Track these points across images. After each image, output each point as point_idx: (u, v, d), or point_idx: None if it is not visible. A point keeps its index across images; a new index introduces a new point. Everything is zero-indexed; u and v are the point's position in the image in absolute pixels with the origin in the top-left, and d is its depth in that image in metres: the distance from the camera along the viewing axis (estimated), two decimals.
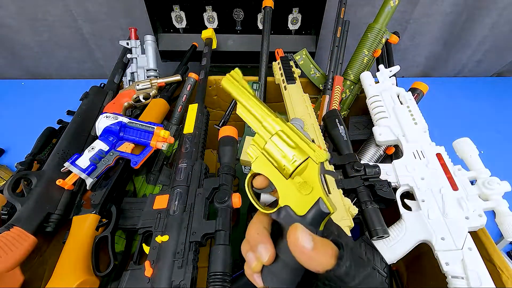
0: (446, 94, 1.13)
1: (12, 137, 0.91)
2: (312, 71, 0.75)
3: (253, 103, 0.30)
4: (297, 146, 0.27)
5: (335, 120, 0.56)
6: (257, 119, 0.29)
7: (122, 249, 0.53)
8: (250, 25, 0.90)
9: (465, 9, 0.99)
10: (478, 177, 0.47)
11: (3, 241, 0.40)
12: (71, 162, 0.47)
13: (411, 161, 0.51)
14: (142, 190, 0.58)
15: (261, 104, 0.30)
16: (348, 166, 0.50)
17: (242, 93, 0.30)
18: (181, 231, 0.41)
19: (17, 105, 1.03)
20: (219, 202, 0.42)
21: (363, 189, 0.47)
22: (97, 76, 1.16)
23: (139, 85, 0.67)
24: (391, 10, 0.69)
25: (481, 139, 0.59)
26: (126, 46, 0.76)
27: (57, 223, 0.47)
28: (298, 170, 0.26)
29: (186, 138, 0.54)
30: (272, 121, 0.28)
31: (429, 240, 0.43)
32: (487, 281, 0.38)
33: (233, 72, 0.31)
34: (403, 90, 0.59)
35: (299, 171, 0.26)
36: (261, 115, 0.29)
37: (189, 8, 0.86)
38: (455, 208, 0.44)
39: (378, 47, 0.71)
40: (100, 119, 0.53)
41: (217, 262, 0.36)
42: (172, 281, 0.36)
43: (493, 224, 0.44)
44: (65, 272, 0.40)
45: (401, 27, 1.04)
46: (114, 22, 0.98)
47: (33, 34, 1.01)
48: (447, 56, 1.15)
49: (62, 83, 1.11)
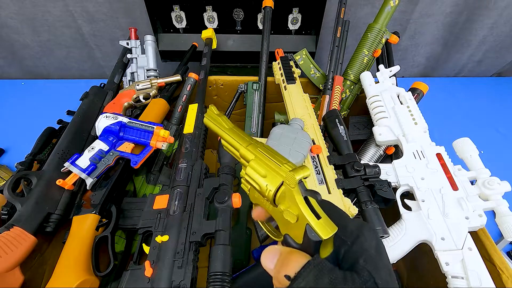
0: (446, 94, 1.13)
1: (12, 137, 0.91)
2: (312, 71, 0.75)
3: (228, 137, 0.30)
4: (268, 173, 0.25)
5: (335, 120, 0.56)
6: (235, 150, 0.29)
7: (122, 249, 0.53)
8: (250, 25, 0.90)
9: (465, 9, 0.99)
10: (478, 177, 0.47)
11: (3, 241, 0.40)
12: (71, 162, 0.47)
13: (411, 161, 0.51)
14: (142, 190, 0.58)
15: (235, 135, 0.30)
16: (348, 166, 0.50)
17: (218, 130, 0.31)
18: (181, 231, 0.41)
19: (17, 105, 1.03)
20: (219, 202, 0.42)
21: (363, 189, 0.48)
22: (97, 76, 1.16)
23: (139, 85, 0.67)
24: (391, 10, 0.69)
25: (481, 139, 0.59)
26: (126, 46, 0.76)
27: (57, 223, 0.47)
28: (278, 198, 0.24)
29: (186, 138, 0.54)
30: (244, 151, 0.28)
31: (429, 240, 0.43)
32: (487, 281, 0.38)
33: (209, 111, 0.33)
34: (403, 90, 0.59)
35: (278, 199, 0.24)
36: (236, 146, 0.29)
37: (189, 8, 0.86)
38: (455, 208, 0.44)
39: (378, 47, 0.71)
40: (100, 119, 0.53)
41: (217, 262, 0.36)
42: (172, 281, 0.36)
43: (493, 224, 0.44)
44: (65, 272, 0.40)
45: (401, 27, 1.04)
46: (114, 22, 0.98)
47: (33, 34, 1.01)
48: (447, 56, 1.15)
49: (62, 83, 1.11)
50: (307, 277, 0.19)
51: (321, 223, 0.21)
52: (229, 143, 0.30)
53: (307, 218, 0.22)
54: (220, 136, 0.31)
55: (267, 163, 0.26)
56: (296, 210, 0.23)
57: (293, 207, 0.23)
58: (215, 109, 0.34)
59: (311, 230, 0.21)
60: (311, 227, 0.21)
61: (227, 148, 0.31)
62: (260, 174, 0.26)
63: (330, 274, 0.19)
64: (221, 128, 0.31)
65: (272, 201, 0.25)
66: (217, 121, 0.32)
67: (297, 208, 0.22)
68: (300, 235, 0.22)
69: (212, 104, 0.34)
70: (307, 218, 0.22)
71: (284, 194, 0.24)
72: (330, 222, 0.22)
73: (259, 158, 0.27)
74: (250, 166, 0.27)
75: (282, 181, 0.24)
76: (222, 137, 0.31)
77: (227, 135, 0.30)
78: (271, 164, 0.26)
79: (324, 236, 0.20)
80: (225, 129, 0.31)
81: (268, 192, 0.25)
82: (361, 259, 0.20)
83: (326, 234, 0.20)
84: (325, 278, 0.19)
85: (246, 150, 0.28)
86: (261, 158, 0.26)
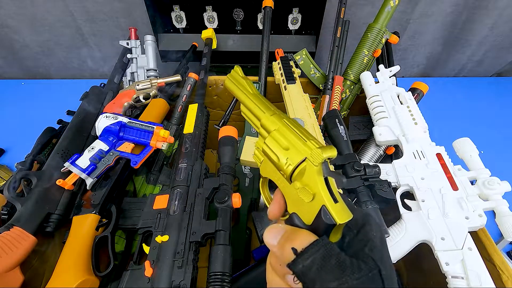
0: (446, 94, 1.13)
1: (12, 137, 0.91)
2: (312, 71, 0.75)
3: (250, 103, 0.28)
4: (291, 146, 0.24)
5: (335, 120, 0.56)
6: (256, 118, 0.28)
7: (122, 249, 0.53)
8: (250, 25, 0.90)
9: (465, 9, 0.99)
10: (478, 177, 0.47)
11: (3, 241, 0.40)
12: (71, 162, 0.47)
13: (411, 161, 0.51)
14: (142, 190, 0.58)
15: (259, 102, 0.28)
16: (348, 166, 0.50)
17: (240, 93, 0.29)
18: (181, 231, 0.41)
19: (17, 105, 1.03)
20: (219, 202, 0.42)
21: (363, 189, 0.47)
22: (97, 76, 1.16)
23: (139, 85, 0.67)
24: (391, 10, 0.69)
25: (481, 139, 0.59)
26: (126, 46, 0.76)
27: (57, 223, 0.47)
28: (296, 174, 0.23)
29: (186, 138, 0.54)
30: (266, 121, 0.26)
31: (429, 240, 0.43)
32: (487, 281, 0.38)
33: (233, 71, 0.31)
34: (403, 90, 0.59)
35: (296, 175, 0.23)
36: (258, 114, 0.27)
37: (189, 8, 0.86)
38: (455, 208, 0.44)
39: (378, 47, 0.71)
40: (100, 119, 0.53)
41: (217, 262, 0.36)
42: (172, 281, 0.36)
43: (493, 224, 0.44)
44: (65, 272, 0.40)
45: (401, 27, 1.04)
46: (114, 22, 0.98)
47: (33, 34, 1.01)
48: (447, 56, 1.15)
49: (62, 83, 1.11)
50: (314, 254, 0.19)
51: (338, 207, 0.21)
52: (251, 110, 0.28)
53: (324, 200, 0.21)
54: (242, 101, 0.29)
55: (291, 136, 0.24)
56: (313, 189, 0.22)
57: (311, 185, 0.22)
58: (241, 71, 0.31)
59: (327, 213, 0.20)
60: (327, 209, 0.20)
61: (246, 115, 0.29)
62: (282, 146, 0.24)
63: (338, 256, 0.19)
64: (244, 91, 0.29)
65: (288, 177, 0.23)
66: (241, 84, 0.30)
67: (315, 188, 0.21)
68: (311, 216, 0.21)
69: (238, 65, 0.31)
70: (324, 199, 0.21)
71: (303, 171, 0.23)
72: (346, 208, 0.21)
73: (283, 129, 0.25)
74: (272, 136, 0.25)
75: (305, 157, 0.23)
76: (244, 103, 0.29)
77: (250, 100, 0.29)
78: (295, 137, 0.24)
79: (340, 221, 0.20)
80: (249, 93, 0.29)
81: (288, 166, 0.23)
82: (366, 248, 0.20)
83: (342, 219, 0.20)
84: (332, 259, 0.19)
85: (270, 119, 0.26)
86: (286, 129, 0.25)
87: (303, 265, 0.19)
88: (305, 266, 0.19)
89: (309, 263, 0.19)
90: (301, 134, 0.24)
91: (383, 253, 0.20)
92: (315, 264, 0.19)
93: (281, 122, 0.26)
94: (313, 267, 0.19)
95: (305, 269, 0.19)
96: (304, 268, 0.19)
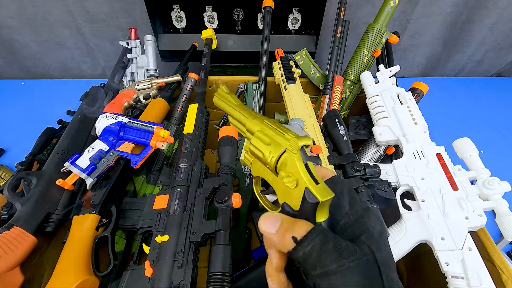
0: (446, 94, 1.13)
1: (12, 137, 0.91)
2: (312, 71, 0.75)
3: (235, 112, 0.32)
4: (272, 141, 0.27)
5: (335, 120, 0.56)
6: (241, 124, 0.31)
7: (122, 249, 0.53)
8: (250, 25, 0.90)
9: (465, 9, 0.99)
10: (478, 177, 0.46)
11: (3, 241, 0.40)
12: (71, 162, 0.47)
13: (411, 161, 0.51)
14: (142, 190, 0.58)
15: (242, 110, 0.32)
16: (348, 166, 0.50)
17: (226, 106, 0.34)
18: (181, 231, 0.41)
19: (17, 105, 1.03)
20: (219, 202, 0.42)
21: (363, 189, 0.47)
22: (97, 76, 1.16)
23: (139, 85, 0.67)
24: (391, 10, 0.69)
25: (481, 139, 0.59)
26: (126, 46, 0.76)
27: (57, 223, 0.47)
28: (279, 165, 0.26)
29: (186, 138, 0.54)
30: (250, 124, 0.30)
31: (429, 240, 0.43)
32: (487, 281, 0.38)
33: (219, 90, 0.36)
34: (403, 90, 0.59)
35: (280, 165, 0.26)
36: (242, 120, 0.31)
37: (189, 8, 0.86)
38: (455, 208, 0.44)
39: (378, 47, 0.71)
40: (100, 119, 0.53)
41: (217, 262, 0.36)
42: (172, 281, 0.36)
43: (493, 224, 0.44)
44: (65, 272, 0.40)
45: (401, 27, 1.04)
46: (114, 22, 0.98)
47: (33, 34, 1.01)
48: (447, 56, 1.15)
49: (62, 83, 1.11)
50: (313, 241, 0.21)
51: (319, 187, 0.23)
52: (236, 118, 0.32)
53: (306, 182, 0.23)
54: (228, 112, 0.34)
55: (272, 133, 0.28)
56: (296, 175, 0.24)
57: (293, 172, 0.24)
58: (225, 88, 0.36)
59: (309, 193, 0.23)
60: (310, 190, 0.23)
61: (233, 124, 0.33)
62: (264, 142, 0.28)
63: (334, 240, 0.20)
64: (229, 104, 0.34)
65: (273, 169, 0.26)
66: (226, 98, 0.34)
67: (297, 173, 0.24)
68: (298, 201, 0.23)
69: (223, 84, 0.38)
70: (306, 182, 0.23)
71: (286, 161, 0.25)
72: (327, 188, 0.23)
73: (264, 128, 0.29)
74: (255, 136, 0.29)
75: (285, 148, 0.26)
76: (230, 113, 0.33)
77: (235, 110, 0.33)
78: (275, 133, 0.28)
79: (322, 198, 0.22)
80: (234, 105, 0.33)
81: (271, 158, 0.26)
82: (362, 236, 0.21)
83: (323, 197, 0.22)
84: (329, 243, 0.20)
85: (253, 122, 0.30)
86: (267, 128, 0.29)
87: (303, 252, 0.21)
88: (306, 252, 0.20)
89: (309, 249, 0.20)
90: (281, 130, 0.28)
91: (380, 244, 0.21)
92: (315, 250, 0.20)
93: (263, 123, 0.29)
94: (313, 253, 0.20)
95: (306, 255, 0.20)
96: (305, 254, 0.20)
